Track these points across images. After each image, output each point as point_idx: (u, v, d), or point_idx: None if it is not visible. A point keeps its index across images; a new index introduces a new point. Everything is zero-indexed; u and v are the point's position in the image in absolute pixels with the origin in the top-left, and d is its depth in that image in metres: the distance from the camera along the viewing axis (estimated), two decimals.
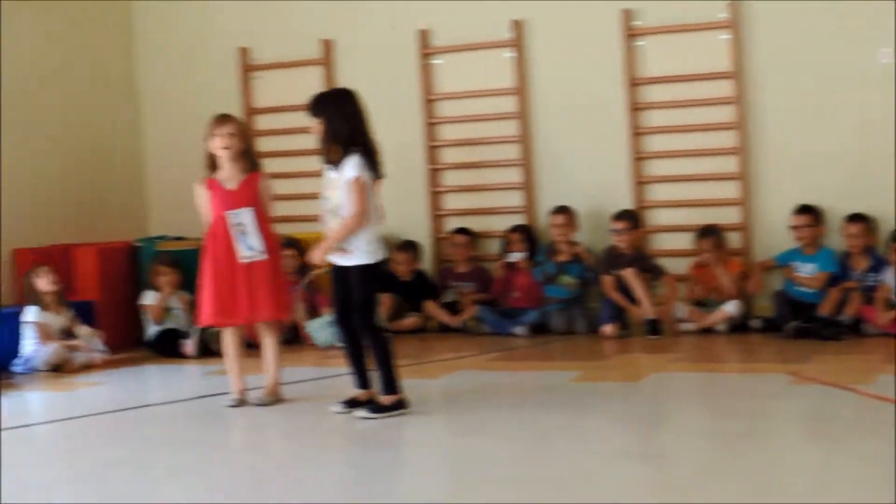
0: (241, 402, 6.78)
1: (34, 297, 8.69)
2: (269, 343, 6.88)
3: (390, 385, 6.26)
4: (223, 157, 6.76)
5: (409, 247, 9.98)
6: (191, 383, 7.88)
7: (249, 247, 6.71)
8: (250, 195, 6.77)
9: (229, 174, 6.79)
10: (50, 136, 10.20)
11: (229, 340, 6.88)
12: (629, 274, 9.12)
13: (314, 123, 6.28)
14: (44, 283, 8.67)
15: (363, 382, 6.42)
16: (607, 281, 9.22)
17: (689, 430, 5.80)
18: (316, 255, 6.30)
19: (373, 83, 10.27)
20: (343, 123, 6.22)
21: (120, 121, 11.02)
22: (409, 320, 9.66)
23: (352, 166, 6.18)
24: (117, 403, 7.09)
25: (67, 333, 8.75)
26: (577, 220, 9.59)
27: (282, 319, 7.15)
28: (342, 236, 6.18)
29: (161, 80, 11.14)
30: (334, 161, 6.24)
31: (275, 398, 6.83)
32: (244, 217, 6.72)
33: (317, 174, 10.46)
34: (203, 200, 6.81)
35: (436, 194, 10.32)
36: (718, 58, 9.36)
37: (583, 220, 9.64)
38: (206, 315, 6.79)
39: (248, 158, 6.85)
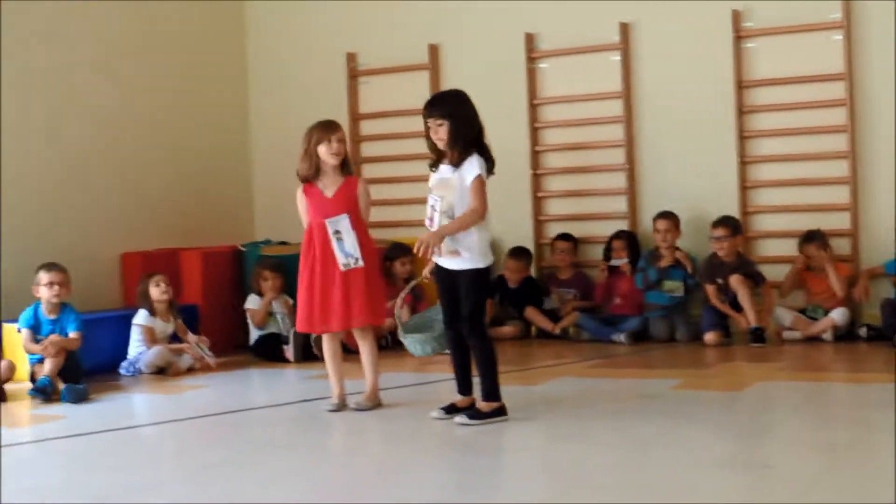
0: (340, 407, 6.80)
1: (146, 303, 8.81)
2: (365, 349, 6.88)
3: (492, 392, 6.22)
4: (331, 163, 6.79)
5: (522, 253, 9.96)
6: (291, 387, 7.92)
7: (347, 254, 6.73)
8: (348, 201, 6.77)
9: (328, 180, 6.82)
10: (159, 141, 10.37)
11: (328, 346, 6.90)
12: (735, 281, 8.99)
13: (436, 124, 6.17)
14: (157, 291, 8.79)
15: (465, 388, 6.40)
16: (710, 289, 9.10)
17: (795, 440, 5.68)
18: (427, 242, 6.07)
19: (478, 87, 10.21)
20: (468, 124, 6.17)
21: (229, 126, 11.16)
22: (508, 328, 9.64)
23: (474, 166, 6.12)
24: (220, 406, 7.15)
25: (174, 338, 8.87)
26: (680, 226, 9.49)
27: (377, 325, 7.16)
28: (457, 228, 6.08)
29: (270, 84, 11.28)
30: (454, 162, 6.16)
31: (374, 403, 6.83)
32: (342, 224, 6.74)
33: (420, 178, 10.64)
34: (302, 206, 6.85)
35: (539, 199, 10.29)
36: (830, 59, 9.21)
37: (686, 226, 9.53)
38: (302, 322, 6.83)
39: (346, 164, 6.87)
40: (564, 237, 9.97)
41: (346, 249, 6.73)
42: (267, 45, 11.30)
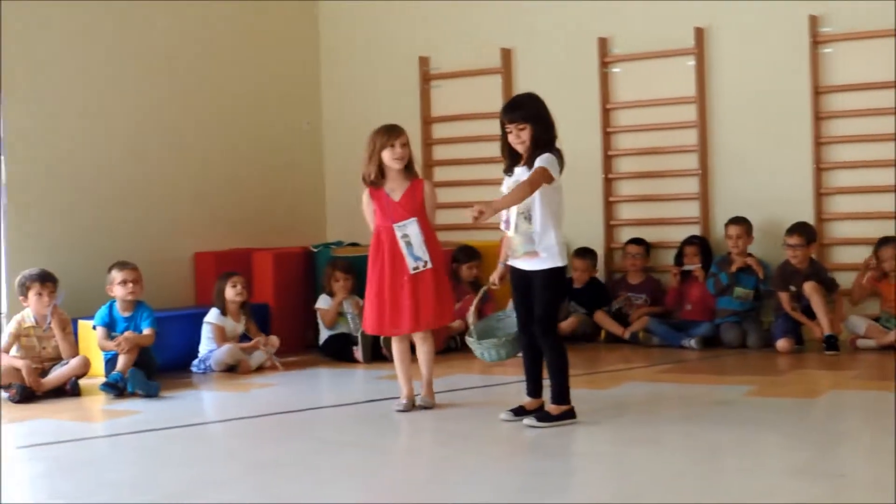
0: (409, 407, 6.81)
1: (219, 301, 8.87)
2: (424, 349, 6.93)
3: (561, 395, 6.19)
4: (396, 167, 6.80)
5: (587, 254, 9.93)
6: (359, 387, 7.94)
7: (416, 257, 6.76)
8: (415, 205, 6.80)
9: (394, 184, 6.83)
10: (232, 143, 10.46)
11: (398, 347, 6.93)
12: (809, 288, 8.87)
13: (518, 128, 6.13)
14: (232, 292, 8.85)
15: (535, 391, 6.37)
16: (783, 296, 9.00)
17: (868, 449, 5.59)
18: (481, 209, 5.97)
19: (551, 92, 10.19)
20: (548, 128, 6.17)
21: (301, 128, 11.22)
22: (568, 321, 9.57)
23: (544, 158, 6.07)
24: (288, 405, 7.18)
25: (244, 338, 8.91)
26: (752, 232, 9.39)
27: (444, 326, 7.13)
28: (511, 201, 6.05)
29: (342, 87, 11.34)
30: (531, 164, 6.12)
31: (432, 399, 6.89)
32: (410, 228, 6.77)
33: (490, 182, 10.65)
34: (369, 210, 6.88)
35: (610, 204, 10.23)
36: None
37: (759, 232, 9.44)
38: (371, 325, 6.88)
39: (410, 167, 6.88)
40: (637, 241, 9.91)
41: (415, 253, 6.76)
42: (340, 48, 11.36)
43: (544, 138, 6.12)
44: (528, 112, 6.15)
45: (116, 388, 7.64)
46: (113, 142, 9.41)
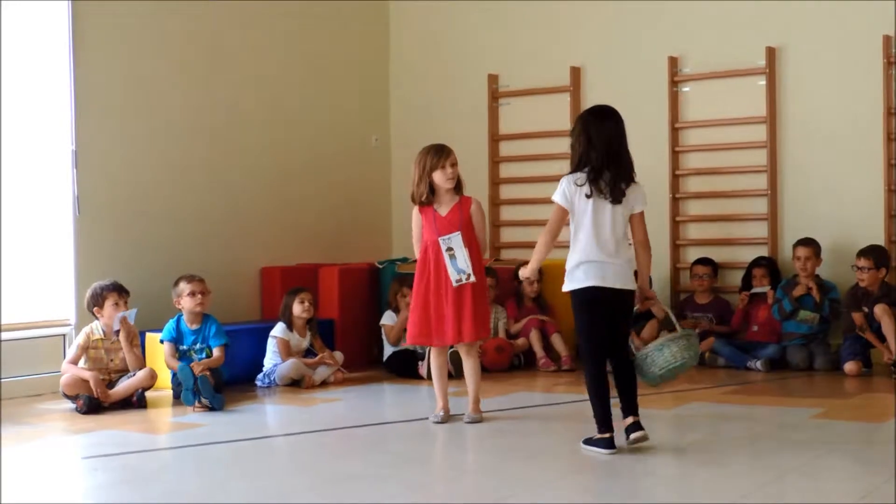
0: (445, 419, 7.01)
1: (285, 316, 8.93)
2: (469, 363, 7.11)
3: (596, 420, 6.07)
4: (446, 187, 6.94)
5: None
6: (424, 403, 7.94)
7: (459, 270, 6.91)
8: (460, 220, 6.96)
9: (443, 201, 7.01)
10: (301, 159, 10.54)
11: (437, 360, 7.15)
12: (880, 310, 8.78)
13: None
14: (299, 307, 8.90)
15: (624, 408, 6.11)
16: (857, 317, 8.91)
17: None
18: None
19: (619, 110, 10.27)
20: (575, 151, 6.16)
21: (370, 144, 11.30)
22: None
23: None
24: (351, 420, 7.23)
25: (309, 353, 8.97)
26: (821, 253, 9.32)
27: (483, 339, 7.32)
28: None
29: (411, 102, 11.42)
30: None
31: (480, 414, 7.03)
32: (454, 242, 6.92)
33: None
34: (417, 226, 7.05)
35: (677, 224, 10.20)
36: None
37: (828, 254, 9.37)
38: (413, 335, 7.07)
39: (459, 186, 7.05)
40: (704, 262, 9.85)
41: (459, 266, 6.91)
42: (410, 65, 11.43)
43: (573, 161, 6.12)
44: (572, 135, 6.17)
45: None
46: (182, 155, 9.51)
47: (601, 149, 5.98)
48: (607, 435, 5.98)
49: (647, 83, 10.29)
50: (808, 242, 9.31)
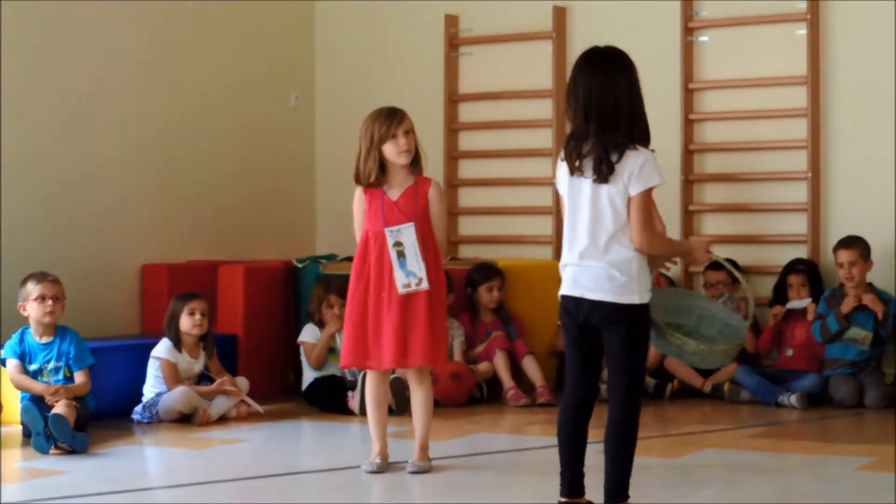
0: (382, 468, 7.00)
1: (171, 331, 8.91)
2: (420, 395, 7.07)
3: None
4: (401, 162, 6.94)
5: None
6: (354, 446, 7.97)
7: (409, 273, 6.88)
8: (415, 207, 6.94)
9: (395, 180, 6.98)
10: (196, 126, 10.55)
11: (376, 388, 7.09)
12: None
13: None
14: (189, 321, 8.87)
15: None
16: None
17: None
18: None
19: None
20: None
21: (286, 110, 11.31)
22: None
23: None
24: (259, 468, 7.23)
25: (203, 378, 8.96)
26: (870, 256, 9.39)
27: (436, 366, 7.38)
28: None
29: (341, 54, 11.41)
30: None
31: (428, 462, 7.02)
32: (404, 235, 6.88)
33: (534, 181, 10.73)
34: (359, 211, 7.04)
35: (691, 214, 10.28)
36: None
37: (883, 256, 9.49)
38: (347, 355, 7.05)
39: (417, 161, 7.02)
40: (718, 266, 9.89)
41: (408, 267, 6.89)
42: (340, 5, 11.41)
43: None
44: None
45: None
46: (33, 123, 9.46)
47: (582, 108, 5.74)
48: (563, 500, 5.94)
49: (653, 30, 10.33)
50: (852, 243, 9.36)
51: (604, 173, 5.64)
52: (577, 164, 5.70)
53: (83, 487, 6.69)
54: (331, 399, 9.16)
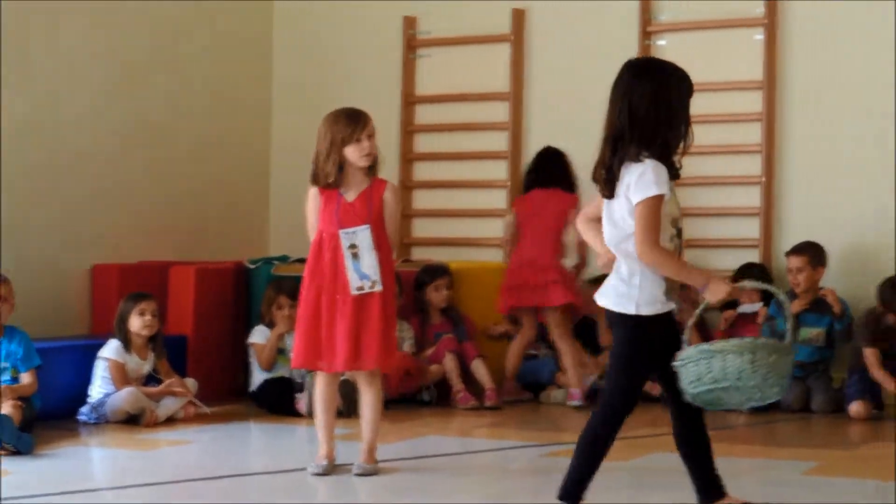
0: (329, 470, 7.00)
1: (121, 332, 8.90)
2: (370, 397, 7.08)
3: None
4: (362, 165, 6.94)
5: (593, 282, 10.04)
6: (301, 448, 7.97)
7: (363, 275, 6.89)
8: (370, 210, 6.95)
9: (351, 182, 6.98)
10: (148, 122, 10.50)
11: (326, 390, 7.09)
12: None
13: None
14: (138, 322, 8.86)
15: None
16: (870, 354, 9.07)
17: None
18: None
19: (575, 68, 10.39)
20: None
21: (241, 109, 11.31)
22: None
23: None
24: (205, 470, 7.22)
25: (151, 379, 8.96)
26: (824, 262, 9.46)
27: (387, 370, 7.35)
28: None
29: (299, 54, 11.43)
30: None
31: (375, 465, 7.03)
32: (360, 237, 6.89)
33: (490, 184, 10.73)
34: (313, 212, 7.03)
35: None
36: None
37: (839, 263, 9.56)
38: (299, 356, 7.03)
39: (375, 164, 7.02)
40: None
41: (362, 269, 6.89)
42: (298, 5, 11.41)
43: None
44: None
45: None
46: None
47: (606, 123, 5.70)
48: None
49: (612, 33, 10.38)
50: (802, 249, 9.44)
51: (607, 190, 5.61)
52: (598, 179, 5.67)
53: (28, 488, 6.65)
54: (280, 401, 9.17)
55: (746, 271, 9.70)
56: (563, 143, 9.90)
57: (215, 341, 9.88)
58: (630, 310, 5.58)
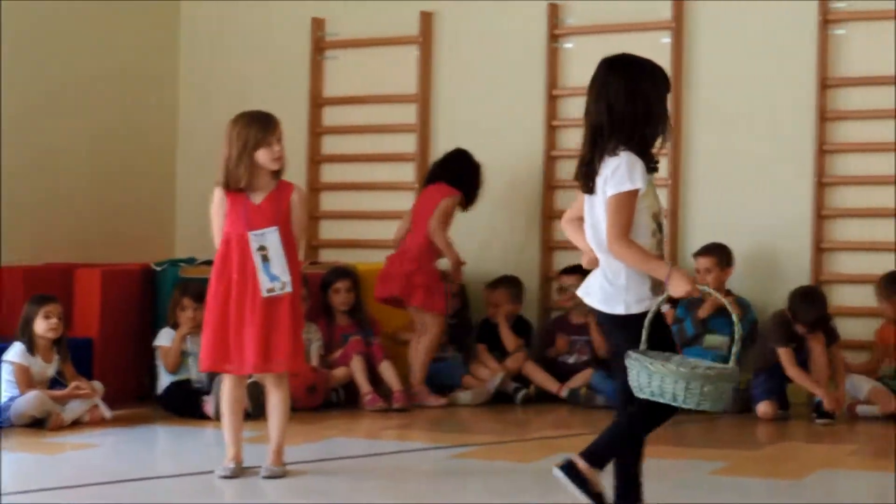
0: (236, 473, 6.98)
1: (26, 335, 8.82)
2: (278, 399, 7.06)
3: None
4: (272, 168, 6.94)
5: (512, 284, 10.08)
6: (208, 451, 7.93)
7: (273, 277, 6.88)
8: (278, 212, 6.94)
9: (258, 185, 6.96)
10: (51, 125, 10.43)
11: (233, 392, 7.07)
12: (814, 340, 9.04)
13: None
14: (43, 325, 8.78)
15: None
16: (784, 354, 9.15)
17: None
18: None
19: (482, 71, 10.41)
20: None
21: (147, 108, 11.24)
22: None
23: None
24: (111, 473, 7.16)
25: (56, 382, 8.88)
26: (731, 263, 9.55)
27: (297, 371, 7.37)
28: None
29: (205, 55, 11.39)
30: None
31: (283, 467, 7.02)
32: (269, 240, 6.88)
33: (398, 186, 10.74)
34: (219, 214, 7.00)
35: (549, 220, 10.35)
36: None
37: (744, 264, 9.63)
38: (207, 359, 7.01)
39: (282, 167, 7.01)
40: (575, 269, 9.99)
41: (272, 271, 6.88)
42: (205, 6, 11.37)
43: None
44: None
45: None
46: None
47: (585, 120, 5.70)
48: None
49: (519, 36, 10.44)
50: (710, 250, 9.54)
51: (587, 185, 5.61)
52: (577, 178, 5.67)
53: None
54: (186, 404, 9.12)
55: None
56: (471, 144, 9.96)
57: (121, 344, 9.80)
58: (619, 310, 5.59)
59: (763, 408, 9.04)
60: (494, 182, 10.10)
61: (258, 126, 6.89)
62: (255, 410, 8.32)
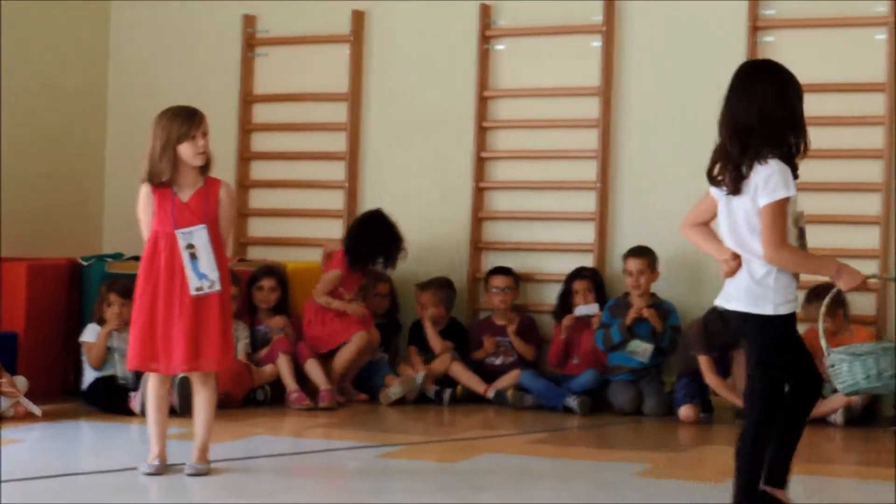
0: (160, 470, 6.97)
1: None
2: (204, 396, 7.05)
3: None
4: (196, 164, 6.91)
5: (441, 286, 10.10)
6: (133, 448, 7.91)
7: (201, 275, 6.86)
8: (206, 210, 6.92)
9: (184, 181, 6.93)
10: None
11: (158, 390, 7.04)
12: (736, 351, 9.12)
13: None
14: None
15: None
16: (704, 361, 9.21)
17: None
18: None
19: (413, 71, 10.43)
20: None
21: (75, 102, 11.19)
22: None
23: None
24: (35, 469, 7.13)
25: None
26: (658, 266, 9.63)
27: (224, 369, 7.39)
28: None
29: (134, 50, 11.29)
30: None
31: (207, 465, 7.01)
32: (197, 237, 6.86)
33: (328, 184, 10.73)
34: (147, 211, 6.97)
35: (480, 221, 10.41)
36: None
37: (669, 266, 9.71)
38: (135, 357, 6.97)
39: (208, 163, 6.99)
40: (502, 271, 10.03)
41: (201, 269, 6.86)
42: (135, 7, 11.32)
43: None
44: None
45: None
46: None
47: (722, 123, 5.81)
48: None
49: (450, 37, 10.46)
50: (642, 252, 9.59)
51: (734, 186, 5.65)
52: (718, 177, 5.73)
53: None
54: (111, 399, 9.08)
55: (579, 273, 9.81)
56: (401, 144, 9.99)
57: (47, 339, 9.77)
58: (768, 310, 5.63)
59: (685, 411, 9.10)
60: (425, 182, 10.14)
61: (181, 120, 6.87)
62: (182, 407, 8.30)
